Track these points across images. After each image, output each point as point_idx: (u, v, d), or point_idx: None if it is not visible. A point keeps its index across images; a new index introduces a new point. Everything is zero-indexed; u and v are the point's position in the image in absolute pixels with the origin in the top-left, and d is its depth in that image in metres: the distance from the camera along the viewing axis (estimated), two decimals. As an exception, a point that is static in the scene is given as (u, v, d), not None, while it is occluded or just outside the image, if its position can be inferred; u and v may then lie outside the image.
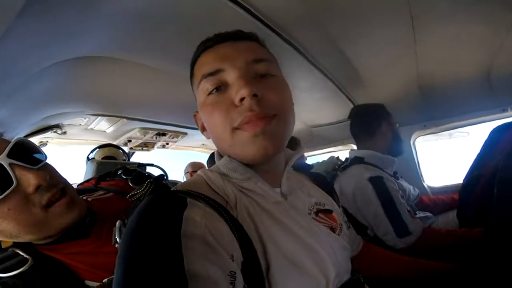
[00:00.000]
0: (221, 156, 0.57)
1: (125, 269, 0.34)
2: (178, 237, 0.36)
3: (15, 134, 1.41)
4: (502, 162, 0.75)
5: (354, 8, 1.19)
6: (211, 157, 2.46)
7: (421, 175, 2.11)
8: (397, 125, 1.53)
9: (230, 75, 0.50)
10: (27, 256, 0.55)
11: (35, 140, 1.88)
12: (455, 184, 1.96)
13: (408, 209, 1.26)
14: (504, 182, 0.71)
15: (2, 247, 0.57)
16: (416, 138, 2.16)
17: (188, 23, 1.12)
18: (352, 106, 1.98)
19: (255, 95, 0.47)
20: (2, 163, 0.52)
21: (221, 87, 0.51)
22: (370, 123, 1.47)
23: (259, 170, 0.54)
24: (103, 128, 2.24)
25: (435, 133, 2.12)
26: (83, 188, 0.85)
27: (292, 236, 0.49)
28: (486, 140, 1.06)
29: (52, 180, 0.57)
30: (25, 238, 0.56)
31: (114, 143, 2.58)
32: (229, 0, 1.02)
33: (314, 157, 2.87)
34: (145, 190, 0.56)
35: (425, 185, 2.08)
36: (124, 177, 0.84)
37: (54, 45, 0.96)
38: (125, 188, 0.81)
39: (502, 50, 1.41)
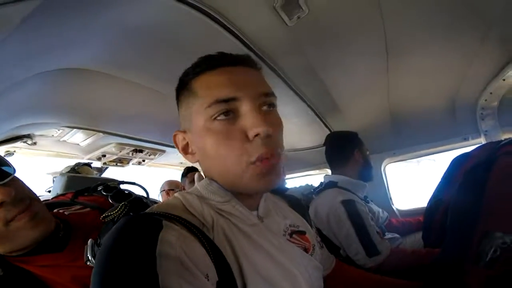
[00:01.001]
0: (201, 178, 0.59)
1: (100, 286, 0.35)
2: (153, 257, 0.36)
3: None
4: (456, 192, 0.83)
5: (333, 37, 1.30)
6: (185, 173, 2.45)
7: (390, 198, 2.24)
8: (368, 152, 1.65)
9: (244, 106, 0.50)
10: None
11: (1, 149, 1.77)
12: (422, 207, 2.06)
13: (377, 230, 1.35)
14: (455, 211, 0.79)
15: None
16: (386, 165, 2.30)
17: (174, 42, 1.16)
18: (328, 132, 2.09)
19: (269, 135, 0.49)
20: None
21: (229, 113, 0.50)
22: (344, 150, 1.58)
23: (238, 194, 0.55)
24: (77, 141, 2.14)
25: (404, 160, 2.28)
26: (59, 201, 0.83)
27: (267, 256, 0.51)
28: (447, 168, 1.16)
29: (18, 195, 0.57)
30: None
31: (87, 157, 2.47)
32: (216, 23, 1.08)
33: (290, 180, 2.93)
34: (119, 211, 0.58)
35: (394, 208, 2.20)
36: (104, 193, 0.83)
37: (39, 56, 0.95)
38: (104, 204, 0.80)
39: (466, 79, 1.56)
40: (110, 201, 0.80)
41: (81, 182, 1.66)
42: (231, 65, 0.54)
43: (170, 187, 2.66)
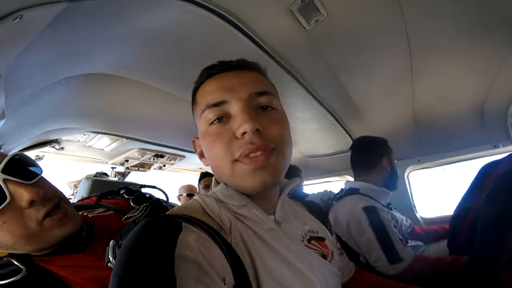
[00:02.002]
0: (218, 183, 0.59)
1: (119, 286, 0.35)
2: (172, 259, 0.37)
3: (14, 147, 1.42)
4: (486, 198, 0.80)
5: (353, 40, 1.27)
6: (200, 178, 2.50)
7: (414, 206, 2.15)
8: (396, 161, 1.59)
9: (234, 107, 0.51)
10: (21, 266, 0.55)
11: (31, 154, 1.88)
12: (447, 216, 1.96)
13: (400, 237, 1.31)
14: (486, 216, 0.76)
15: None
16: (410, 172, 2.21)
17: (193, 48, 1.18)
18: (349, 138, 2.04)
19: (257, 130, 0.49)
20: None
21: (223, 118, 0.52)
22: (371, 156, 1.53)
23: (254, 197, 0.55)
24: (102, 146, 2.24)
25: (429, 167, 2.18)
26: (84, 204, 0.86)
27: (283, 261, 0.50)
28: (476, 176, 1.14)
29: (47, 194, 0.59)
30: (20, 249, 0.57)
31: (111, 162, 2.58)
32: (233, 27, 1.09)
33: (310, 187, 2.87)
34: (141, 213, 0.58)
35: (418, 216, 2.12)
36: (126, 196, 0.86)
37: (66, 60, 1.01)
38: (126, 207, 0.82)
39: (496, 84, 1.47)
40: (132, 204, 0.83)
41: (104, 185, 1.72)
42: (224, 71, 0.56)
43: (187, 191, 2.72)
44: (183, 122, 1.72)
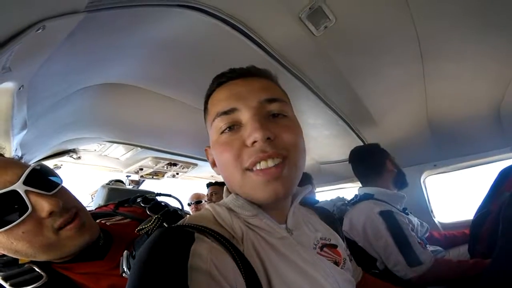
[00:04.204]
0: (229, 192, 0.58)
1: None
2: (185, 270, 0.37)
3: (34, 157, 1.48)
4: (507, 201, 0.80)
5: (363, 45, 1.26)
6: (208, 186, 2.56)
7: (432, 211, 2.10)
8: (395, 160, 1.59)
9: (244, 115, 0.51)
10: (42, 273, 0.56)
11: (50, 163, 1.95)
12: (467, 220, 1.91)
13: (419, 241, 1.29)
14: (508, 219, 0.76)
15: (19, 262, 0.59)
16: (426, 177, 2.16)
17: (205, 57, 1.20)
18: (362, 144, 2.00)
19: (268, 138, 0.48)
20: (18, 190, 0.54)
21: (234, 127, 0.52)
22: (375, 162, 1.54)
23: (265, 207, 0.55)
24: (117, 155, 2.31)
25: (446, 172, 2.12)
26: (102, 212, 0.87)
27: (296, 269, 0.49)
28: (495, 180, 1.14)
29: (66, 204, 0.59)
30: (40, 258, 0.58)
31: (126, 170, 2.64)
32: (242, 35, 1.10)
33: (323, 193, 2.83)
34: (153, 225, 0.60)
35: (436, 221, 2.06)
36: (142, 205, 0.87)
37: (83, 71, 1.05)
38: (143, 215, 0.83)
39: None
40: (148, 212, 0.83)
41: (120, 193, 1.75)
42: (234, 79, 0.56)
43: (197, 199, 2.78)
44: (195, 130, 1.75)
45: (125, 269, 0.55)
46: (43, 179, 0.60)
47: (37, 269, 0.57)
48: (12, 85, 0.68)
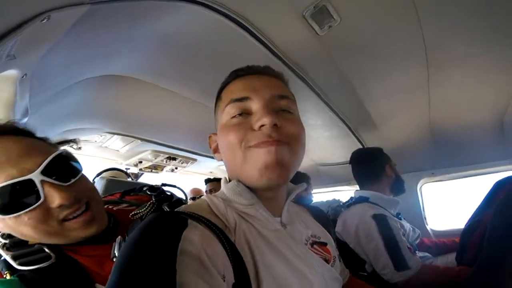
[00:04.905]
0: (228, 181, 0.60)
1: (119, 275, 0.36)
2: (175, 253, 0.38)
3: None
4: (495, 209, 0.83)
5: (367, 47, 1.26)
6: (207, 182, 2.62)
7: (425, 218, 2.11)
8: (396, 167, 1.61)
9: (255, 104, 0.55)
10: (51, 254, 0.58)
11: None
12: (458, 229, 1.89)
13: (409, 246, 1.31)
14: (493, 225, 0.79)
15: (29, 243, 0.60)
16: (423, 185, 2.16)
17: (208, 53, 1.21)
18: (361, 147, 2.01)
19: (275, 125, 0.51)
20: (34, 180, 0.55)
21: (244, 114, 0.55)
22: (375, 167, 1.56)
23: (262, 197, 0.57)
24: (117, 148, 2.31)
25: (443, 180, 2.13)
26: (109, 200, 0.89)
27: (285, 262, 0.51)
28: (489, 190, 1.16)
29: (78, 195, 0.60)
30: (45, 242, 0.60)
31: (125, 162, 2.64)
32: (245, 31, 1.10)
33: (319, 195, 2.83)
34: (147, 209, 0.62)
35: (428, 228, 2.08)
36: (149, 193, 0.88)
37: (86, 62, 1.05)
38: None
39: None
40: (153, 200, 0.84)
41: (119, 185, 1.74)
42: (250, 74, 0.60)
43: (194, 195, 2.81)
44: (196, 125, 1.75)
45: (116, 254, 0.56)
46: (62, 167, 0.60)
47: (46, 250, 0.58)
48: (15, 72, 0.68)
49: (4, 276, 0.54)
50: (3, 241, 0.59)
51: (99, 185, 1.79)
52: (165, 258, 0.37)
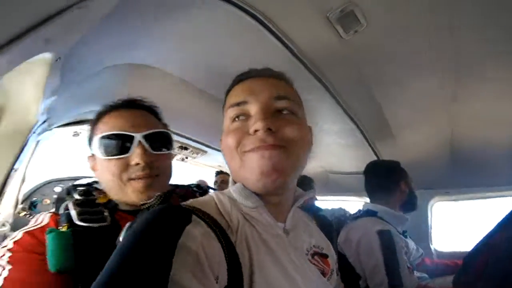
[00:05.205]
0: (234, 182, 0.61)
1: (116, 261, 0.38)
2: (174, 247, 0.39)
3: (57, 122, 1.54)
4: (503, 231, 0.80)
5: (393, 55, 1.23)
6: (217, 174, 2.67)
7: (431, 237, 2.05)
8: (413, 184, 1.56)
9: (252, 108, 0.55)
10: (108, 217, 0.66)
11: (71, 130, 2.03)
12: (463, 252, 1.85)
13: (408, 265, 1.29)
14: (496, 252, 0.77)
15: (97, 201, 0.71)
16: (435, 203, 2.08)
17: (230, 50, 1.22)
18: (375, 159, 1.97)
19: (269, 129, 0.52)
20: (135, 137, 0.68)
21: (243, 116, 0.56)
22: (389, 181, 1.52)
23: (268, 202, 0.57)
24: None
25: (458, 200, 2.05)
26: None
27: (281, 269, 0.51)
28: (505, 216, 1.09)
29: (153, 164, 0.71)
30: (112, 195, 0.72)
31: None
32: (265, 29, 1.09)
33: (326, 203, 2.79)
34: (155, 201, 0.65)
35: (432, 248, 2.02)
36: (195, 189, 0.94)
37: (112, 51, 1.09)
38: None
39: None
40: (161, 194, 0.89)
41: None
42: (251, 78, 0.61)
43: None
44: (209, 118, 1.77)
45: (120, 239, 0.58)
46: (158, 140, 0.73)
47: (105, 213, 0.67)
48: (50, 56, 0.72)
49: (61, 228, 0.61)
50: (79, 197, 0.70)
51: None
52: (164, 251, 0.38)
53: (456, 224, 2.20)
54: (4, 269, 0.54)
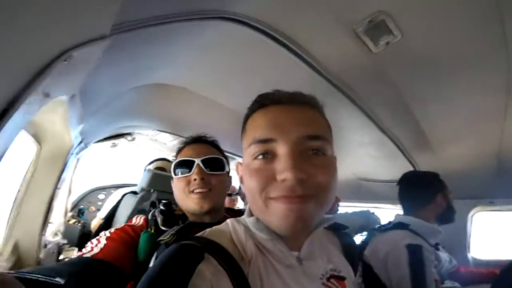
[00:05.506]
0: (251, 212, 0.58)
1: None
2: (186, 287, 0.42)
3: (93, 139, 1.67)
4: None
5: (432, 68, 1.11)
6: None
7: (469, 246, 1.92)
8: (451, 196, 1.43)
9: (280, 148, 0.49)
10: (179, 226, 0.75)
11: (108, 143, 2.19)
12: (502, 260, 1.75)
13: (436, 278, 1.22)
14: None
15: (175, 212, 0.91)
16: (475, 213, 1.94)
17: (248, 67, 1.20)
18: (412, 168, 1.84)
19: (300, 179, 0.46)
20: (195, 161, 0.86)
21: (268, 154, 0.50)
22: (425, 192, 1.41)
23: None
24: (165, 141, 2.50)
25: (501, 211, 1.91)
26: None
27: None
28: None
29: (208, 181, 0.86)
30: (181, 206, 0.90)
31: (172, 154, 2.83)
32: (286, 48, 1.05)
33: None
34: (170, 238, 0.65)
35: (469, 256, 1.90)
36: None
37: (131, 75, 1.13)
38: None
39: None
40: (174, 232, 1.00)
41: (164, 180, 1.82)
42: (277, 104, 0.53)
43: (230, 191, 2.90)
44: (233, 132, 1.76)
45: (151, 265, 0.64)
46: (214, 163, 0.89)
47: (180, 222, 0.83)
48: (63, 97, 0.75)
49: (149, 229, 0.81)
50: (163, 207, 0.91)
51: (145, 177, 1.93)
52: None
53: (497, 234, 2.05)
54: (100, 242, 0.77)
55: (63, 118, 0.95)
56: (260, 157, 0.50)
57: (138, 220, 0.90)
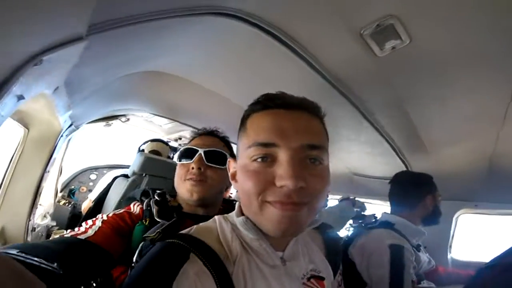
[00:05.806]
0: (241, 212, 0.58)
1: None
2: (170, 286, 0.43)
3: (84, 121, 1.62)
4: None
5: (436, 73, 1.10)
6: None
7: (450, 247, 1.97)
8: (440, 199, 1.46)
9: (282, 154, 0.49)
10: (176, 217, 0.79)
11: (101, 123, 2.13)
12: (479, 262, 1.79)
13: (413, 279, 1.27)
14: None
15: (169, 203, 0.88)
16: (460, 215, 1.98)
17: (246, 66, 1.16)
18: (404, 168, 1.85)
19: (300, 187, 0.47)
20: (198, 150, 0.88)
21: (267, 158, 0.50)
22: (415, 194, 1.43)
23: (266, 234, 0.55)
24: (160, 123, 2.47)
25: (484, 214, 1.95)
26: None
27: None
28: None
29: (204, 171, 0.87)
30: (179, 193, 0.91)
31: (167, 137, 2.79)
32: (285, 46, 1.01)
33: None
34: (156, 235, 0.64)
35: (449, 257, 1.95)
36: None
37: (122, 65, 1.08)
38: None
39: None
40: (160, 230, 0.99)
41: (156, 164, 1.79)
42: (282, 108, 0.53)
43: None
44: (228, 120, 1.74)
45: (134, 260, 0.63)
46: (215, 156, 0.90)
47: (174, 215, 0.82)
48: (45, 91, 0.70)
49: (144, 221, 0.81)
50: (158, 198, 0.87)
51: (138, 159, 1.90)
52: None
53: (480, 237, 2.12)
54: (95, 224, 0.77)
55: (49, 107, 0.92)
56: (259, 160, 0.50)
57: (135, 208, 0.91)
